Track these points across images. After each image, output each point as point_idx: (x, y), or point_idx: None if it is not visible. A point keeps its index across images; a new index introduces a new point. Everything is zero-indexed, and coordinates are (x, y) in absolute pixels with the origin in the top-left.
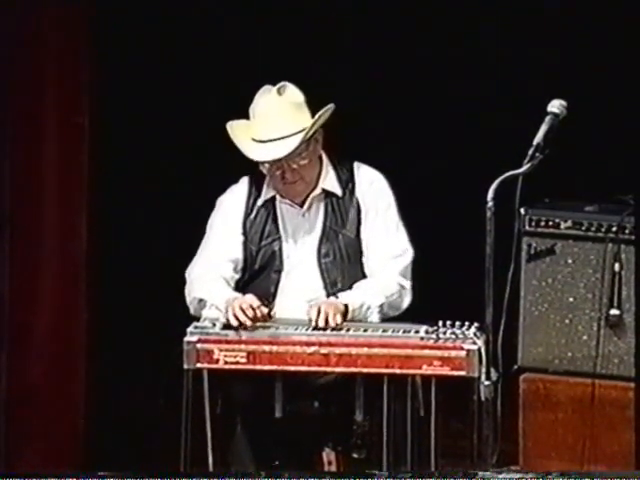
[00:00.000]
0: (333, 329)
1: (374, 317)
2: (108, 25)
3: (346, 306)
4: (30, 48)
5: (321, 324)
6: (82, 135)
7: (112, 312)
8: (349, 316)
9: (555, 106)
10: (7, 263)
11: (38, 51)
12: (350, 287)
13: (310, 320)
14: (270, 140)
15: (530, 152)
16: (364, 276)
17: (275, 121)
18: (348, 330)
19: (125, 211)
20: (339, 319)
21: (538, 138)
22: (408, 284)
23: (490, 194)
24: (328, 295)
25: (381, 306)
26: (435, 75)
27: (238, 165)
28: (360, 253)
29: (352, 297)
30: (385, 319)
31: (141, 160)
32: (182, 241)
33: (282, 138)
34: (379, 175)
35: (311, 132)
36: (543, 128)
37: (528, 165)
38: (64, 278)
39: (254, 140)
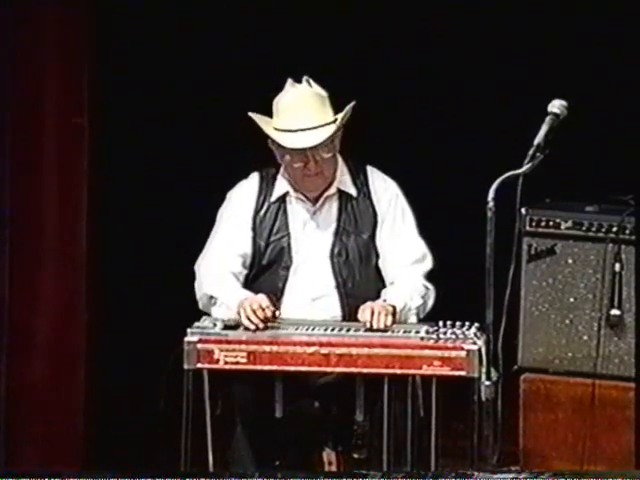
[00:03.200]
0: (384, 330)
1: (412, 319)
2: (108, 25)
3: (394, 307)
4: (30, 48)
5: (376, 326)
6: (82, 135)
7: (112, 313)
8: None
9: (555, 106)
10: (7, 263)
11: (38, 51)
12: (360, 288)
13: (364, 322)
14: (301, 129)
15: (530, 152)
16: (375, 278)
17: (307, 110)
18: (349, 330)
19: (125, 211)
20: (390, 321)
21: (538, 138)
22: (431, 287)
23: (490, 194)
24: (339, 294)
25: (418, 308)
26: (435, 75)
27: (238, 164)
28: (373, 256)
29: (395, 299)
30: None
31: (141, 160)
32: (182, 241)
33: (314, 128)
34: (392, 182)
35: (343, 122)
36: (543, 128)
37: (528, 165)
38: (64, 278)
39: (278, 130)
